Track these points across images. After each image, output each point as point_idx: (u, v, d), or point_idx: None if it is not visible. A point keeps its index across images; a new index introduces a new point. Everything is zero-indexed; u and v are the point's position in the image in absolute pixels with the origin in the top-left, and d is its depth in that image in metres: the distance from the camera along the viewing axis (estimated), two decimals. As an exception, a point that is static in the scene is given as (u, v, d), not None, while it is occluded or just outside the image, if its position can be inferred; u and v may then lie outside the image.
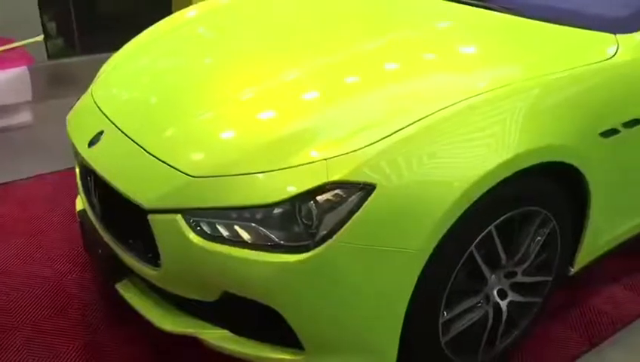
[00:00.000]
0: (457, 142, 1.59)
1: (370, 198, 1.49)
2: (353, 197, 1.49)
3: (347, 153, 1.53)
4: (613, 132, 1.86)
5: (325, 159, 1.53)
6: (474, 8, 2.28)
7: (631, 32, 1.99)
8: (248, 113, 1.78)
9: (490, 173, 1.59)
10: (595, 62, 1.87)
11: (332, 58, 1.98)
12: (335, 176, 1.50)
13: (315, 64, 1.96)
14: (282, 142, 1.62)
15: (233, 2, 2.76)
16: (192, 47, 2.36)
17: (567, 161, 1.77)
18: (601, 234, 2.07)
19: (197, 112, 1.83)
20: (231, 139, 1.72)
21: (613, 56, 1.90)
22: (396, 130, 1.57)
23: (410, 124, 1.58)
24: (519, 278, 1.89)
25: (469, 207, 1.58)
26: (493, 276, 1.84)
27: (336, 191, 1.49)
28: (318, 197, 1.50)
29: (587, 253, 2.07)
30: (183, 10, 2.78)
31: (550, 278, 1.98)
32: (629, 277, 2.48)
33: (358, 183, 1.49)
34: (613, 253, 2.22)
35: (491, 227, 1.69)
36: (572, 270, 2.08)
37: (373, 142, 1.54)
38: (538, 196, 1.79)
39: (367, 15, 2.39)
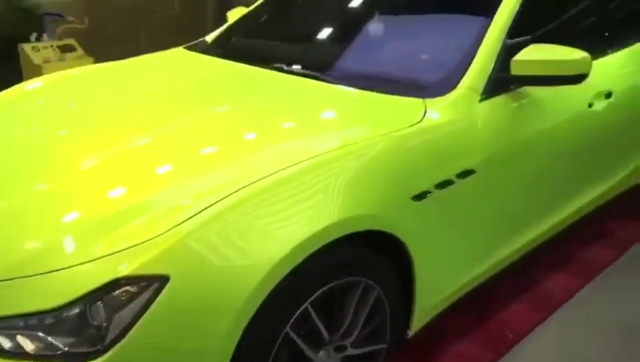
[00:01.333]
0: (262, 219, 1.55)
1: (163, 292, 1.39)
2: (146, 292, 1.39)
3: (140, 243, 1.44)
4: (425, 194, 1.90)
5: (115, 252, 1.43)
6: (292, 76, 2.32)
7: (438, 95, 2.09)
8: (53, 201, 1.67)
9: (298, 249, 1.55)
10: (403, 128, 1.92)
11: (150, 135, 1.93)
12: (124, 271, 1.40)
13: (137, 141, 1.90)
14: (79, 233, 1.51)
15: (74, 76, 2.72)
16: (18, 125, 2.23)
17: (380, 228, 1.77)
18: (435, 294, 2.09)
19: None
20: (25, 232, 1.58)
21: (421, 120, 1.97)
22: (197, 211, 1.50)
23: (209, 206, 1.52)
24: (350, 351, 1.85)
25: (276, 287, 1.52)
26: (322, 352, 1.78)
27: (126, 288, 1.39)
28: (107, 296, 1.39)
29: (423, 314, 2.08)
30: (21, 84, 2.69)
31: (384, 346, 1.95)
32: (478, 331, 2.53)
33: (149, 277, 1.40)
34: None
35: (307, 304, 1.64)
36: (410, 333, 2.07)
37: (171, 228, 1.47)
38: (356, 265, 1.78)
39: (190, 89, 2.37)
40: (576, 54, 2.17)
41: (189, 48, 2.96)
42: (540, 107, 2.35)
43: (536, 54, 2.17)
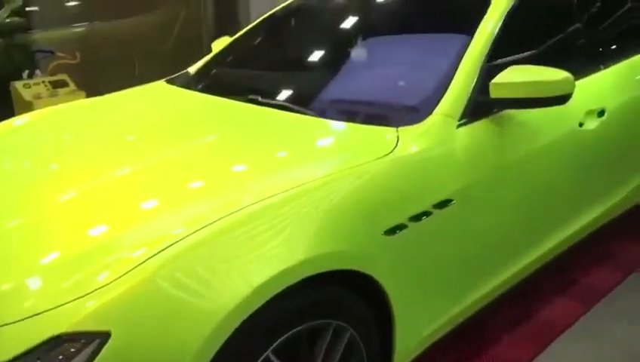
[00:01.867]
0: (217, 259, 1.47)
1: (104, 350, 1.31)
2: (86, 350, 1.31)
3: (84, 295, 1.36)
4: (398, 228, 1.80)
5: (58, 306, 1.35)
6: (265, 109, 2.25)
7: (412, 123, 2.00)
8: (14, 242, 1.60)
9: (258, 291, 1.46)
10: (374, 159, 1.83)
11: (122, 171, 1.88)
12: (62, 328, 1.31)
13: (106, 178, 1.85)
14: (28, 282, 1.44)
15: (59, 110, 2.70)
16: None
17: (349, 268, 1.68)
18: (417, 331, 1.98)
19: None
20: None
21: (393, 150, 1.88)
22: (150, 255, 1.43)
23: (164, 249, 1.44)
24: (324, 398, 1.74)
25: (235, 333, 1.43)
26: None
27: (65, 346, 1.31)
28: (45, 355, 1.30)
29: (405, 354, 1.96)
30: (9, 120, 2.67)
31: (363, 390, 1.85)
32: None
33: (89, 333, 1.32)
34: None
35: (268, 353, 1.54)
36: (393, 372, 1.96)
37: (117, 278, 1.39)
38: (326, 306, 1.68)
39: (164, 125, 2.31)
40: (558, 75, 2.07)
41: (171, 81, 2.91)
42: (525, 130, 2.26)
43: (515, 76, 2.08)
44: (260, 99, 2.32)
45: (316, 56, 2.66)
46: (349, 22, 2.79)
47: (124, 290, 1.37)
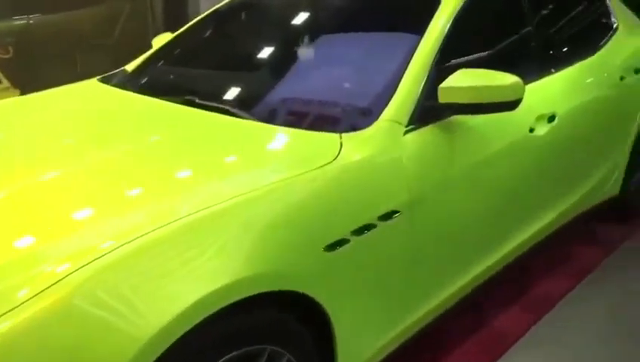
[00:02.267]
0: (136, 284, 1.32)
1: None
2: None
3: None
4: (340, 243, 1.68)
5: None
6: (201, 111, 2.09)
7: (357, 129, 1.88)
8: None
9: (182, 316, 1.32)
10: (314, 168, 1.70)
11: (35, 179, 1.69)
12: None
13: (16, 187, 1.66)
14: None
15: None
16: None
17: (285, 288, 1.55)
18: (362, 351, 1.86)
19: None
20: None
21: (335, 158, 1.76)
22: (69, 272, 1.27)
23: (74, 272, 1.28)
24: None
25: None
26: None
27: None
28: None
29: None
30: None
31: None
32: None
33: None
34: None
35: (192, 384, 1.40)
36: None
37: (33, 296, 1.23)
38: (259, 330, 1.55)
39: (90, 128, 2.13)
40: (507, 79, 1.99)
41: (105, 79, 2.72)
42: (475, 135, 2.17)
43: (464, 80, 1.98)
44: (196, 101, 2.16)
45: (259, 56, 2.52)
46: (295, 20, 2.65)
47: (36, 311, 1.22)
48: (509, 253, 2.50)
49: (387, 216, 1.80)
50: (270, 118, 1.99)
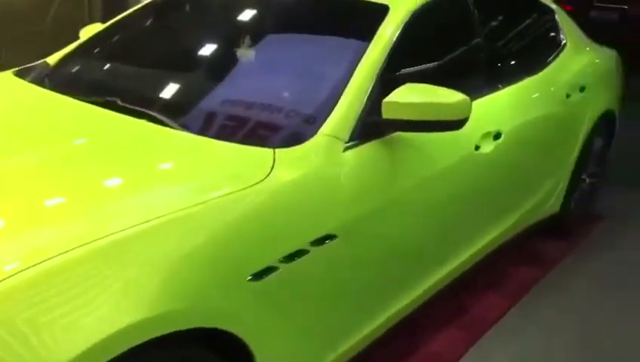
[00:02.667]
0: (32, 316, 1.16)
1: None
2: None
3: None
4: (267, 272, 1.53)
5: None
6: (124, 117, 1.87)
7: (292, 144, 1.73)
8: None
9: (80, 358, 1.15)
10: (243, 188, 1.54)
11: None
12: None
13: None
14: None
15: None
16: None
17: (204, 326, 1.38)
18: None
19: None
20: None
21: (266, 177, 1.60)
22: None
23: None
24: None
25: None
26: None
27: None
28: None
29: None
30: None
31: None
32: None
33: None
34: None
35: None
36: None
37: None
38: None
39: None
40: (454, 97, 1.88)
41: (22, 72, 2.47)
42: (419, 153, 2.06)
43: (409, 96, 1.86)
44: (119, 103, 1.96)
45: (194, 56, 2.32)
46: (239, 20, 2.47)
47: None
48: (450, 272, 2.41)
49: (321, 240, 1.66)
50: (198, 128, 1.81)
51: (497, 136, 2.45)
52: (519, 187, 2.78)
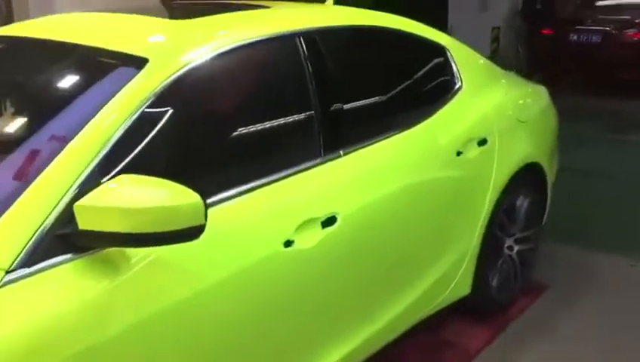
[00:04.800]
0: None
1: None
2: None
3: None
4: None
5: None
6: None
7: None
8: None
9: None
10: None
11: None
12: None
13: None
14: None
15: None
16: None
17: None
18: None
19: None
20: None
21: None
22: None
23: None
24: None
25: None
26: None
27: None
28: None
29: None
30: None
31: None
32: None
33: None
34: None
35: None
36: None
37: None
38: None
39: None
40: (184, 196, 1.32)
41: None
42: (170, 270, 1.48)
43: (110, 197, 1.30)
44: None
45: None
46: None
47: None
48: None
49: None
50: None
51: (329, 221, 1.84)
52: (379, 277, 2.11)
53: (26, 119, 1.67)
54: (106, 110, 1.50)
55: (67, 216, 1.33)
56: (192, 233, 1.34)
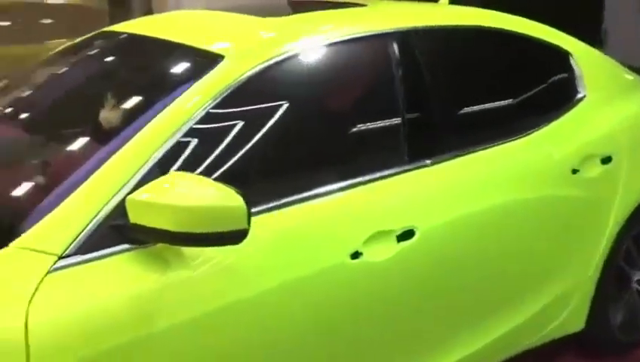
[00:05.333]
0: None
1: None
2: None
3: None
4: None
5: None
6: None
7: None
8: None
9: None
10: None
11: None
12: None
13: None
14: None
15: None
16: None
17: None
18: None
19: None
20: None
21: None
22: None
23: None
24: None
25: None
26: None
27: None
28: None
29: None
30: None
31: None
32: None
33: None
34: None
35: None
36: None
37: None
38: None
39: None
40: (227, 199, 1.29)
41: None
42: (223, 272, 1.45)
43: (163, 193, 1.30)
44: None
45: None
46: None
47: None
48: None
49: None
50: None
51: (406, 235, 1.71)
52: (462, 302, 1.91)
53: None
54: (175, 105, 1.51)
55: (124, 207, 1.36)
56: (235, 236, 1.30)
